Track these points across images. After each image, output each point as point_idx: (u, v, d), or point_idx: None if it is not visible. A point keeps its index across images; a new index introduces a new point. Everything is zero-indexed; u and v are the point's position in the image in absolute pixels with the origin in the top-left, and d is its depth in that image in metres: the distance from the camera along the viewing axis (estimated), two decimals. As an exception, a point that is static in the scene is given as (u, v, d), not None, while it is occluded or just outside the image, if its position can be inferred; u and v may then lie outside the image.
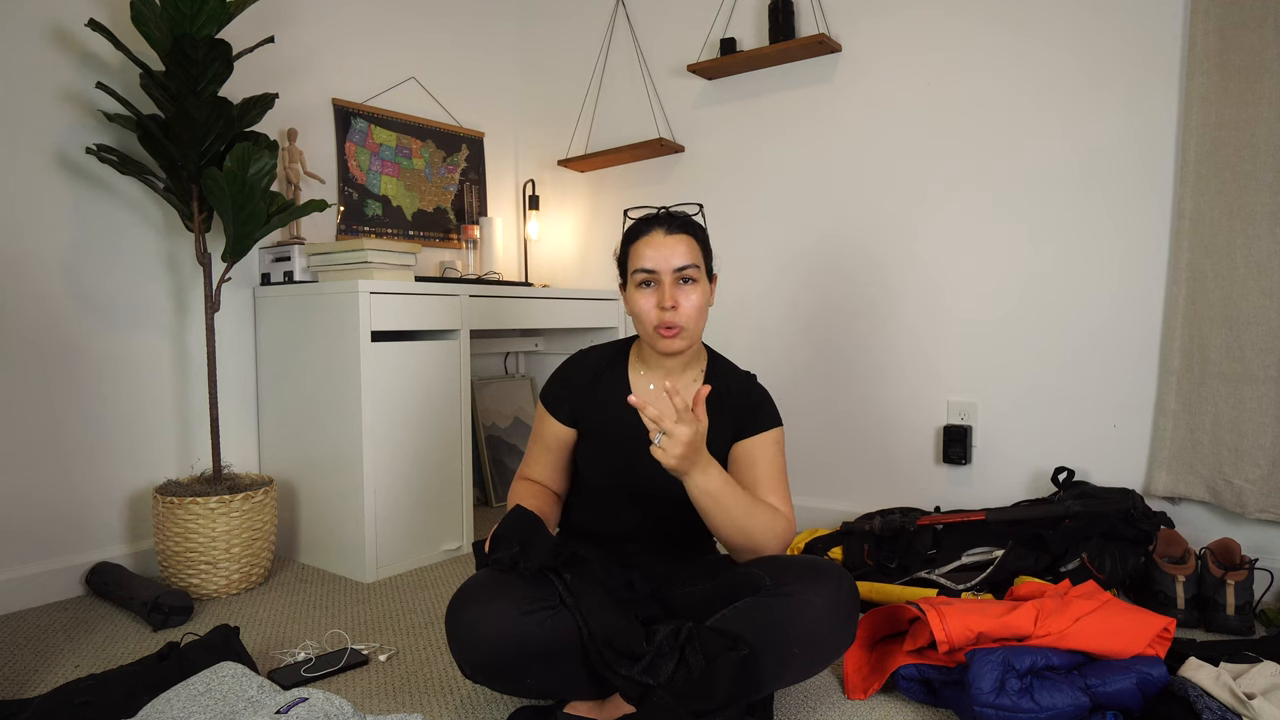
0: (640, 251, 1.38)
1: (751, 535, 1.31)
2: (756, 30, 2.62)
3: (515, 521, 1.30)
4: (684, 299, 1.36)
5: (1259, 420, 1.84)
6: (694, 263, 1.37)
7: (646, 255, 1.37)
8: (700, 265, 1.38)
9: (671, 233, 1.37)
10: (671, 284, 1.35)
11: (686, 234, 1.38)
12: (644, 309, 1.37)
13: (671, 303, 1.34)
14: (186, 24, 1.89)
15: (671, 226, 1.38)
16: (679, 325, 1.36)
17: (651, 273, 1.36)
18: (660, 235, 1.37)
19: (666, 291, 1.35)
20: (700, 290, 1.38)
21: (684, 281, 1.36)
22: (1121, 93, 2.03)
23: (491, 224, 2.97)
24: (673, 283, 1.35)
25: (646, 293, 1.37)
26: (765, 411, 1.44)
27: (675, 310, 1.35)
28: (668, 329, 1.36)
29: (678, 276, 1.36)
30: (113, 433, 2.12)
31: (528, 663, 1.21)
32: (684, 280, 1.36)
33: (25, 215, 1.97)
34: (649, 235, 1.38)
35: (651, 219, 1.41)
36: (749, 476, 1.40)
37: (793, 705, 1.40)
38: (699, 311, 1.37)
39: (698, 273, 1.37)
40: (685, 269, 1.36)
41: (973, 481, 2.28)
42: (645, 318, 1.38)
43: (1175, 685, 1.26)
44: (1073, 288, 2.11)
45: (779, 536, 1.33)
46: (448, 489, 2.32)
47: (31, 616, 1.88)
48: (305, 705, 1.07)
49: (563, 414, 1.49)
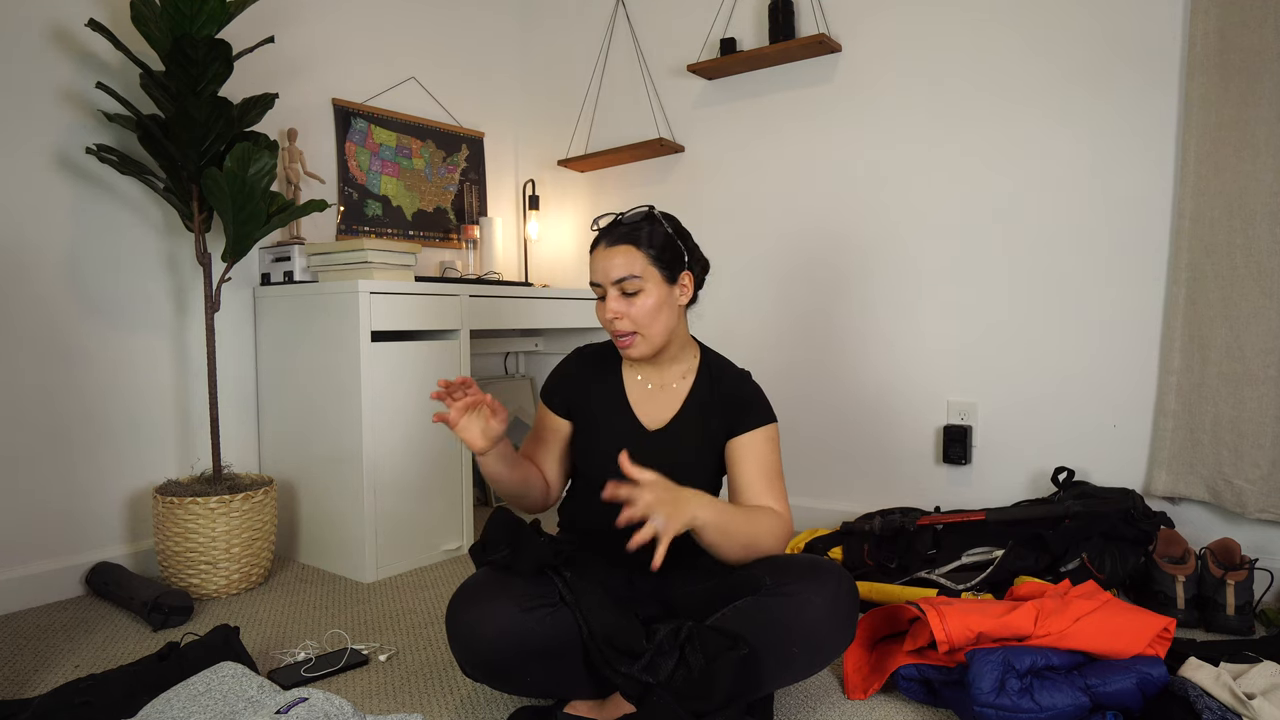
0: (591, 264, 1.41)
1: (756, 548, 1.31)
2: (756, 30, 2.62)
3: (499, 524, 1.32)
4: (625, 308, 1.37)
5: (1259, 420, 1.84)
6: (632, 273, 1.36)
7: (593, 268, 1.40)
8: (643, 274, 1.37)
9: (612, 244, 1.38)
10: (615, 296, 1.38)
11: (626, 243, 1.37)
12: (601, 319, 1.42)
13: (611, 314, 1.37)
14: (186, 24, 1.89)
15: (612, 238, 1.39)
16: (630, 332, 1.38)
17: (598, 285, 1.40)
18: (601, 248, 1.39)
19: (610, 303, 1.37)
20: (649, 295, 1.37)
21: (625, 294, 1.38)
22: (1121, 93, 2.03)
23: (491, 224, 2.97)
24: (615, 294, 1.38)
25: (601, 304, 1.41)
26: (758, 408, 1.44)
27: (619, 319, 1.38)
28: (619, 337, 1.40)
29: (619, 288, 1.38)
30: (113, 433, 2.12)
31: (528, 661, 1.22)
32: (625, 293, 1.38)
33: (25, 215, 1.97)
34: (597, 249, 1.40)
35: (600, 231, 1.42)
36: (743, 474, 1.40)
37: (793, 705, 1.40)
38: (650, 315, 1.38)
39: (639, 282, 1.37)
40: (623, 280, 1.37)
41: (973, 481, 2.28)
42: (605, 327, 1.42)
43: (1175, 685, 1.26)
44: (1073, 287, 2.11)
45: (779, 540, 1.34)
46: (448, 489, 2.32)
47: (31, 616, 1.88)
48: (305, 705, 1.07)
49: (557, 405, 1.52)
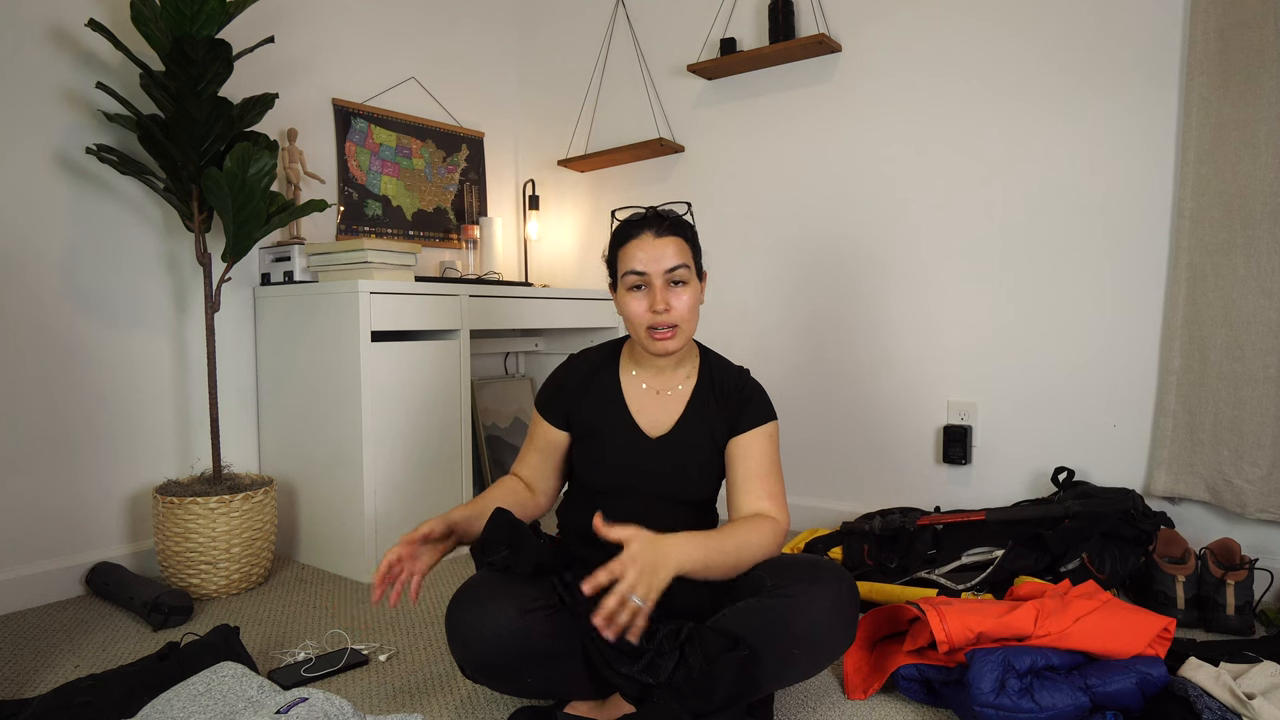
0: (630, 254, 1.37)
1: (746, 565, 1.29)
2: (756, 30, 2.62)
3: (497, 525, 1.30)
4: (676, 300, 1.35)
5: (1259, 420, 1.84)
6: (684, 263, 1.36)
7: (637, 258, 1.36)
8: (690, 265, 1.38)
9: (661, 234, 1.36)
10: (663, 286, 1.35)
11: (676, 235, 1.38)
12: (636, 312, 1.37)
13: (664, 305, 1.34)
14: (186, 24, 1.89)
15: (661, 228, 1.37)
16: (673, 325, 1.36)
17: (642, 275, 1.36)
18: (650, 237, 1.36)
19: (658, 294, 1.34)
20: (691, 290, 1.38)
21: (675, 283, 1.36)
22: (1121, 93, 2.03)
23: (491, 224, 2.97)
24: (664, 285, 1.35)
25: (638, 295, 1.37)
26: (758, 406, 1.43)
27: (668, 312, 1.35)
28: (661, 331, 1.36)
29: (669, 278, 1.35)
30: (113, 433, 2.12)
31: (528, 662, 1.22)
32: (675, 282, 1.36)
33: (25, 215, 1.97)
34: (639, 237, 1.37)
35: (640, 220, 1.39)
36: (741, 473, 1.40)
37: (793, 705, 1.40)
38: (691, 311, 1.38)
39: (688, 273, 1.37)
40: (676, 270, 1.35)
41: (973, 481, 2.28)
42: (637, 320, 1.38)
43: (1175, 685, 1.26)
44: (1073, 287, 2.11)
45: (771, 548, 1.32)
46: (448, 489, 2.32)
47: (31, 616, 1.88)
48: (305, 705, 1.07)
49: (555, 417, 1.49)
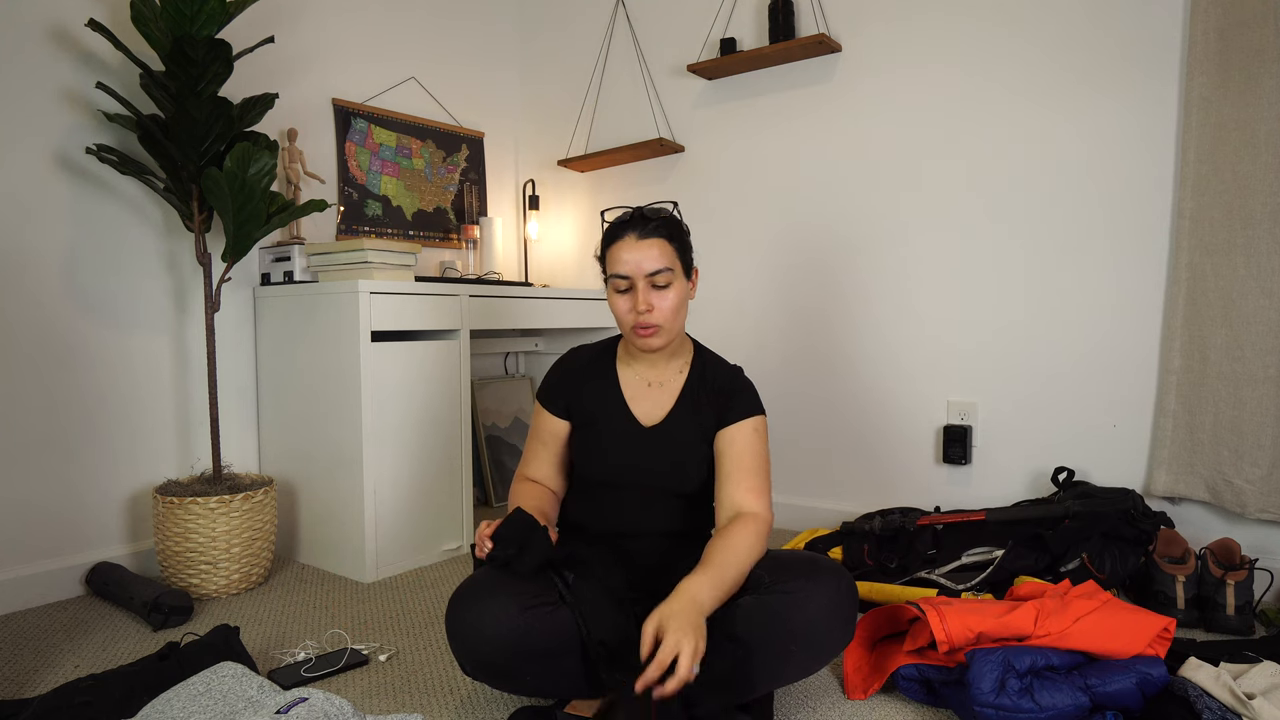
0: (616, 256, 1.40)
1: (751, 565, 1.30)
2: (756, 30, 2.62)
3: (515, 523, 1.31)
4: (659, 301, 1.38)
5: (1259, 420, 1.84)
6: (666, 266, 1.38)
7: (621, 260, 1.39)
8: (674, 267, 1.40)
9: (644, 237, 1.38)
10: (645, 288, 1.38)
11: (659, 237, 1.39)
12: (621, 311, 1.41)
13: (646, 306, 1.37)
14: (186, 24, 1.90)
15: (644, 230, 1.39)
16: (655, 325, 1.39)
17: (626, 278, 1.39)
18: (633, 240, 1.39)
19: (641, 296, 1.37)
20: (675, 290, 1.40)
21: (656, 287, 1.38)
22: (1121, 93, 2.03)
23: (491, 224, 2.97)
24: (646, 287, 1.38)
25: (623, 296, 1.41)
26: (744, 399, 1.44)
27: (650, 313, 1.38)
28: (644, 329, 1.39)
29: (650, 281, 1.38)
30: (113, 433, 2.12)
31: (527, 660, 1.22)
32: (656, 286, 1.38)
33: (25, 215, 1.97)
34: (623, 239, 1.40)
35: (626, 223, 1.41)
36: (728, 465, 1.40)
37: (793, 705, 1.40)
38: (674, 311, 1.40)
39: (671, 275, 1.39)
40: (657, 273, 1.38)
41: (973, 481, 2.28)
42: (623, 319, 1.42)
43: (1175, 685, 1.26)
44: (1073, 288, 2.11)
45: (761, 549, 1.32)
46: (448, 489, 2.32)
47: (31, 616, 1.88)
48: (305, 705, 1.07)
49: (556, 407, 1.52)
